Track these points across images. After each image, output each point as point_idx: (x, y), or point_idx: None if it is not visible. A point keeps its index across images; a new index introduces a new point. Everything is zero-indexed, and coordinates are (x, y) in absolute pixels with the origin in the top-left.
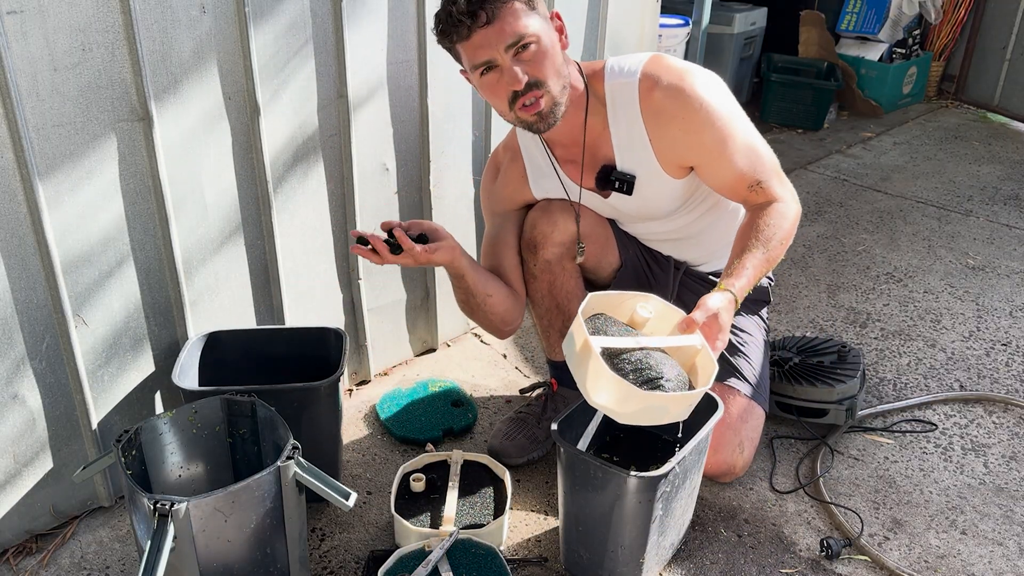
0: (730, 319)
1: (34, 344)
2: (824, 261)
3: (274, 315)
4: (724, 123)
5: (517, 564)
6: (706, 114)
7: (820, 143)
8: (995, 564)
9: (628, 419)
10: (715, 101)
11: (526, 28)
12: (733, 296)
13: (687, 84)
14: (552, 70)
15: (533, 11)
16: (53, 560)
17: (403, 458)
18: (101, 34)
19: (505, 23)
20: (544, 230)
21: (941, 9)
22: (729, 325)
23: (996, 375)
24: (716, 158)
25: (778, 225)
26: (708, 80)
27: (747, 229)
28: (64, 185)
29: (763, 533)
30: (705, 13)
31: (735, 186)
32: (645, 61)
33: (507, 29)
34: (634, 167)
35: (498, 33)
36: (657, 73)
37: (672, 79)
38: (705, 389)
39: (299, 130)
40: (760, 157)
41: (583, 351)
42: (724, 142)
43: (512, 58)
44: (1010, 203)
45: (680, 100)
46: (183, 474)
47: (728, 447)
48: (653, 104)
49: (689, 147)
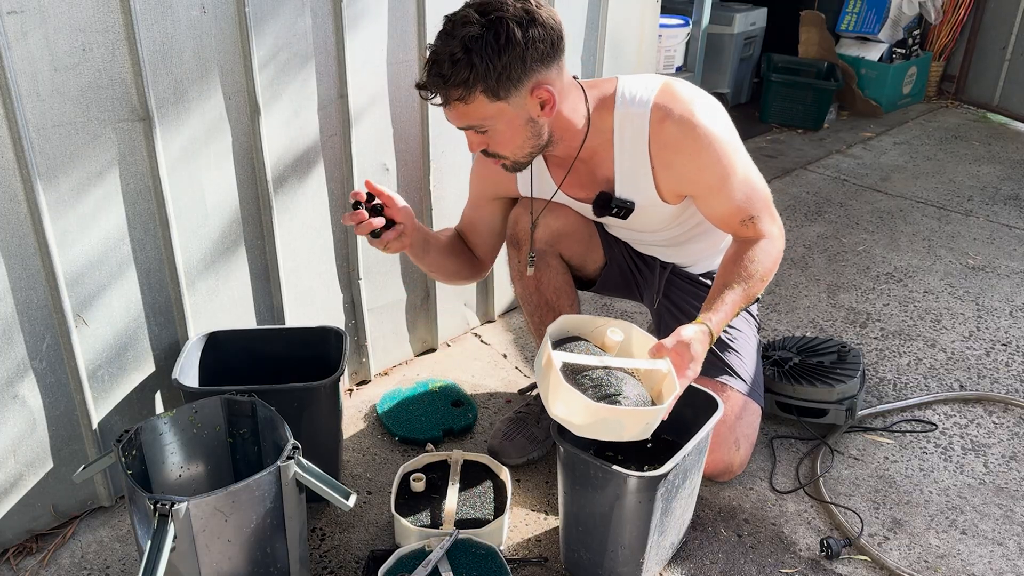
0: (703, 351)
1: (34, 344)
2: (824, 261)
3: (274, 315)
4: (728, 159)
5: (517, 564)
6: (712, 150)
7: (820, 143)
8: (995, 564)
9: (585, 432)
10: (721, 136)
11: (479, 119)
12: (709, 330)
13: (697, 118)
14: (510, 148)
15: (496, 100)
16: (53, 560)
17: (403, 458)
18: (101, 34)
19: (457, 111)
20: (526, 227)
21: (941, 9)
22: (702, 357)
23: (996, 375)
24: (716, 193)
25: (762, 262)
26: (715, 113)
27: (732, 263)
28: (64, 185)
29: (763, 533)
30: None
31: (728, 219)
32: (656, 91)
33: (459, 117)
34: (633, 195)
35: (452, 116)
36: (668, 105)
37: (682, 111)
38: (662, 408)
39: (299, 130)
40: (756, 192)
41: (546, 365)
42: (725, 178)
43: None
44: (1010, 203)
45: (689, 134)
46: (183, 474)
47: (724, 445)
48: (662, 136)
49: (691, 180)
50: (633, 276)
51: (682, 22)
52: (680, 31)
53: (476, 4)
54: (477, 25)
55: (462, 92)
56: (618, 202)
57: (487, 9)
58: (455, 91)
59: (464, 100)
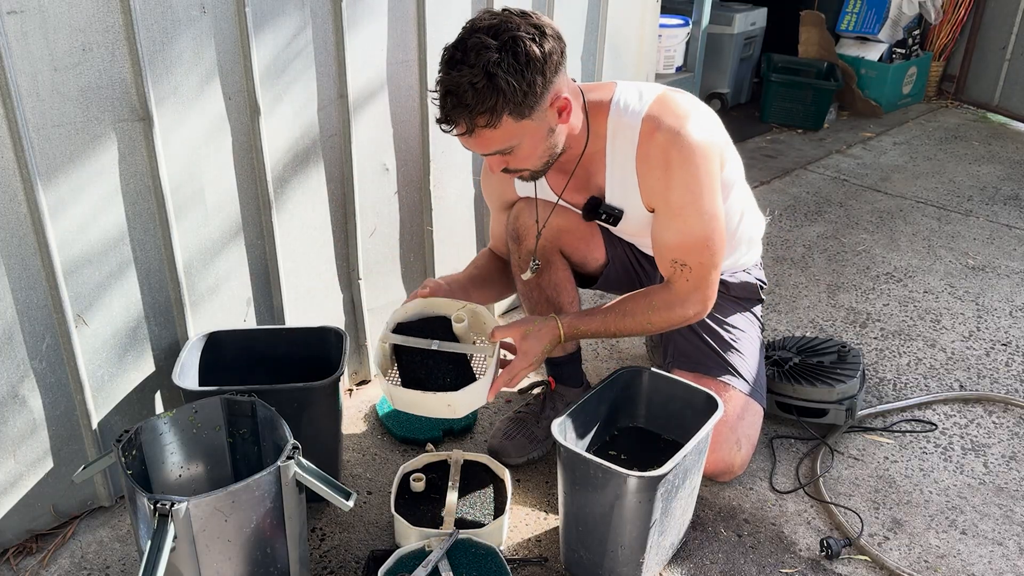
0: (539, 346)
1: (34, 344)
2: (824, 261)
3: (274, 315)
4: (698, 187)
5: (517, 564)
6: (688, 169)
7: (820, 143)
8: (995, 564)
9: (401, 406)
10: (702, 162)
11: (506, 141)
12: (557, 327)
13: (685, 131)
14: (531, 161)
15: (522, 119)
16: (53, 560)
17: (403, 458)
18: (101, 34)
19: (483, 139)
20: (526, 222)
21: (941, 9)
22: (537, 352)
23: (996, 375)
24: (672, 216)
25: (657, 314)
26: (707, 132)
27: (638, 295)
28: (64, 185)
29: (763, 533)
30: (705, 13)
31: (666, 251)
32: (651, 102)
33: (485, 144)
34: (622, 203)
35: (477, 145)
36: (661, 117)
37: (673, 123)
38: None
39: (299, 130)
40: (706, 247)
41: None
42: (687, 206)
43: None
44: (1010, 203)
45: (673, 145)
46: (183, 474)
47: (726, 445)
48: (648, 147)
49: (658, 193)
50: (636, 275)
51: (682, 22)
52: (680, 31)
53: (484, 28)
54: (494, 50)
55: (489, 118)
56: (606, 208)
57: (498, 31)
58: (482, 119)
59: (492, 126)
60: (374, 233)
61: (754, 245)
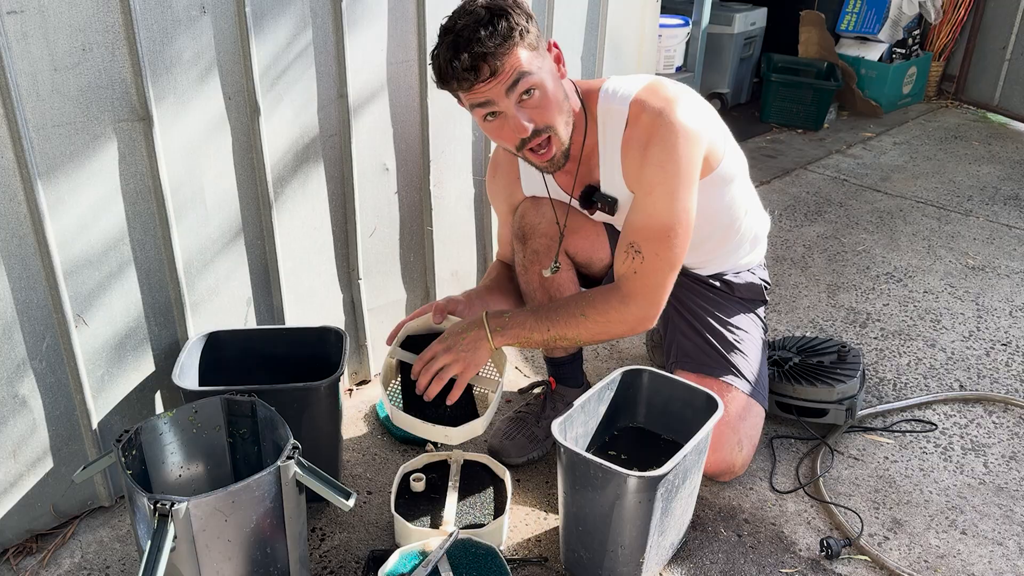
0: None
1: (34, 344)
2: (824, 261)
3: (274, 315)
4: (675, 169)
5: (517, 564)
6: (668, 147)
7: (820, 143)
8: (995, 564)
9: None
10: (682, 150)
11: (529, 73)
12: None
13: (667, 112)
14: (557, 112)
15: (535, 51)
16: (53, 560)
17: (403, 458)
18: (101, 34)
19: (507, 71)
20: (532, 220)
21: (941, 9)
22: (458, 346)
23: (996, 375)
24: (642, 195)
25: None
26: (688, 121)
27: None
28: (65, 185)
29: (763, 533)
30: (705, 13)
31: (627, 234)
32: (640, 88)
33: (510, 77)
34: (615, 190)
35: (501, 83)
36: (647, 99)
37: (658, 104)
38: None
39: (299, 130)
40: (668, 237)
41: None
42: (655, 188)
43: (516, 105)
44: (1010, 203)
45: (654, 125)
46: (183, 474)
47: (727, 445)
48: (634, 129)
49: (634, 170)
50: None
51: (682, 22)
52: (680, 31)
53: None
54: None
55: (508, 45)
56: (600, 196)
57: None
58: (502, 48)
59: (508, 50)
60: (374, 233)
61: (758, 244)
